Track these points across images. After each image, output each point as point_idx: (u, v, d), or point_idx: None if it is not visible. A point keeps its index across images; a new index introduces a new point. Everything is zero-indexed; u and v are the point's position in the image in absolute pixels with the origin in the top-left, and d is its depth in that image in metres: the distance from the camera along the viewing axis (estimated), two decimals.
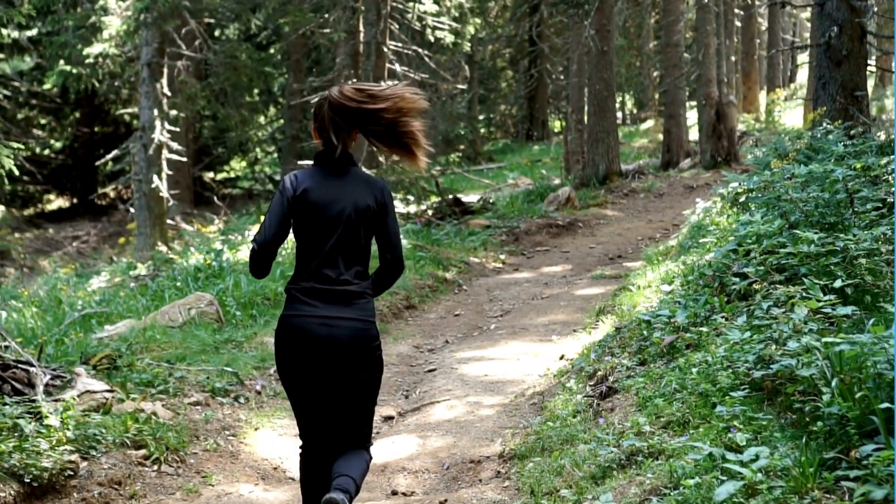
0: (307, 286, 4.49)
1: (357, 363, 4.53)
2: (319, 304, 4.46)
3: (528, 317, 10.61)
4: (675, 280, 8.48)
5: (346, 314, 4.48)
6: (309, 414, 4.65)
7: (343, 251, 4.50)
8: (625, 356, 6.74)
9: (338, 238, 4.48)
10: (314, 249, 4.49)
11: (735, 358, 5.51)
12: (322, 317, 4.45)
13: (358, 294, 4.53)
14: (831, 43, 12.10)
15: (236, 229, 19.28)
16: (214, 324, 9.60)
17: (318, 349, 4.46)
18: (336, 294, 4.48)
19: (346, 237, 4.50)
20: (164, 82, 19.31)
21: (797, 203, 6.71)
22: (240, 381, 8.01)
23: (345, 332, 4.47)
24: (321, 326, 4.45)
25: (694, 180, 19.47)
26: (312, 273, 4.49)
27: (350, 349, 4.49)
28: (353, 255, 4.53)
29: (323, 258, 4.48)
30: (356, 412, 4.63)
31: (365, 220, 4.53)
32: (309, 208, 4.46)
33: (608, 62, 19.61)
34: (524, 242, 15.59)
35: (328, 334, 4.45)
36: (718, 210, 10.82)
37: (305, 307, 4.47)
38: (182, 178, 25.58)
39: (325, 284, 4.47)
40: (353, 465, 4.55)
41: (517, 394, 7.69)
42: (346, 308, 4.49)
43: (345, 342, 4.47)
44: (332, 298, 4.47)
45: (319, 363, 4.49)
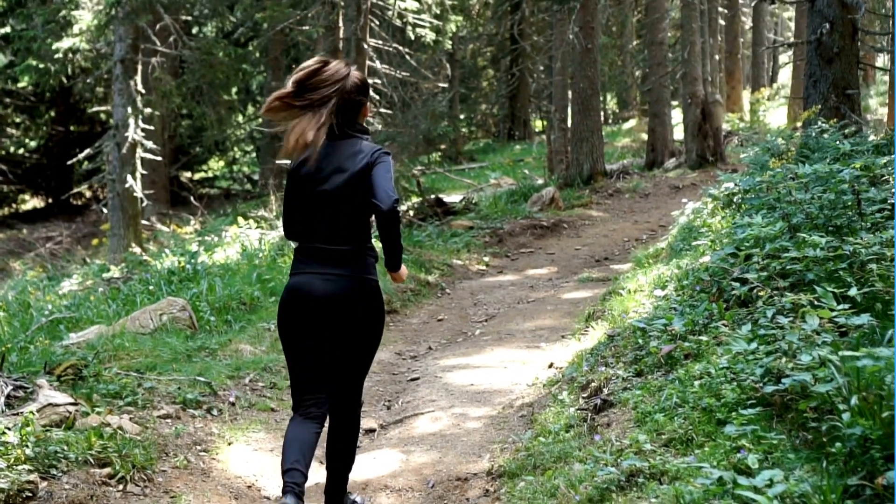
0: (306, 248, 4.85)
1: (353, 317, 4.81)
2: (316, 264, 4.79)
3: (515, 322, 10.25)
4: (669, 284, 8.13)
5: (337, 271, 4.77)
6: (305, 377, 4.93)
7: (333, 215, 4.78)
8: (619, 366, 6.38)
9: (329, 204, 4.77)
10: (310, 215, 4.82)
11: (739, 370, 5.15)
12: (319, 273, 4.77)
13: (351, 253, 4.80)
14: (822, 40, 11.82)
15: (213, 230, 18.85)
16: (187, 330, 9.18)
17: (316, 304, 4.76)
18: (331, 254, 4.78)
19: (337, 203, 4.77)
20: (139, 79, 18.83)
21: (801, 205, 6.35)
22: (213, 391, 7.60)
23: (335, 286, 4.75)
24: (319, 282, 4.75)
25: (680, 180, 19.16)
26: (306, 236, 4.86)
27: (346, 302, 4.77)
28: (345, 219, 4.79)
29: (317, 223, 4.80)
30: (353, 364, 4.95)
31: (354, 185, 4.75)
32: (302, 179, 4.81)
33: (592, 60, 19.28)
34: (508, 244, 15.23)
35: (325, 290, 4.74)
36: (710, 211, 10.48)
37: (304, 266, 4.82)
38: (158, 178, 25.12)
39: (321, 244, 4.79)
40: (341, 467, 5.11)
41: (505, 405, 7.32)
42: (341, 267, 4.78)
43: (336, 294, 4.75)
44: (327, 259, 4.78)
45: (315, 319, 4.79)
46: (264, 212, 18.93)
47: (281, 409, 7.59)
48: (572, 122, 20.24)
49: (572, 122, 20.25)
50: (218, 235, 16.88)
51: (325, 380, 4.96)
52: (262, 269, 11.54)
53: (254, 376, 8.11)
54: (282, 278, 11.12)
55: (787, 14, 43.03)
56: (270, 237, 15.33)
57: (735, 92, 29.60)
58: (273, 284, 10.81)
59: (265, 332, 9.31)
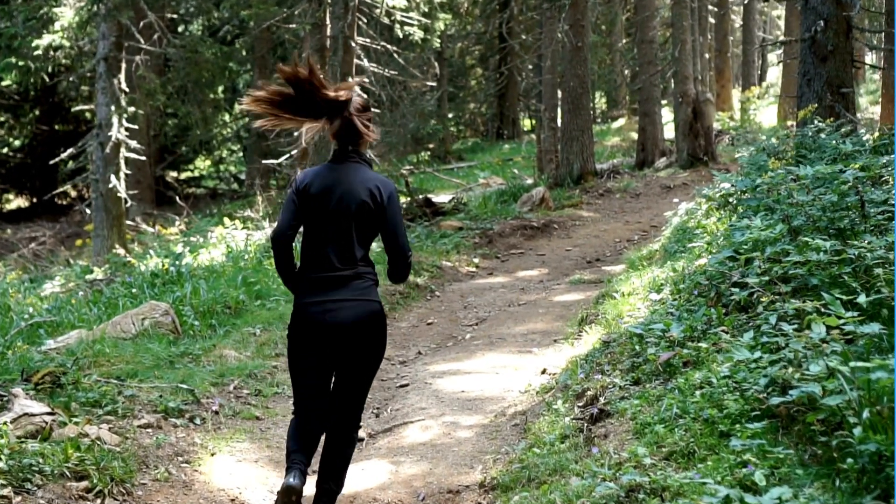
0: (310, 274, 4.95)
1: (357, 341, 4.93)
2: (320, 289, 4.90)
3: (506, 325, 10.04)
4: (664, 288, 7.93)
5: (344, 296, 4.89)
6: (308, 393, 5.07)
7: (340, 240, 4.90)
8: (616, 374, 6.17)
9: (334, 228, 4.88)
10: (315, 238, 4.93)
11: (742, 379, 4.95)
12: (323, 301, 4.88)
13: (353, 277, 4.92)
14: (817, 38, 11.66)
15: (198, 231, 18.58)
16: (170, 335, 8.94)
17: (319, 330, 4.89)
18: (334, 280, 4.89)
19: (342, 227, 4.89)
20: (122, 77, 18.54)
21: (802, 207, 6.15)
22: (196, 399, 7.36)
23: (344, 313, 4.88)
24: (323, 311, 4.87)
25: (671, 180, 18.98)
26: (314, 260, 4.95)
27: (351, 328, 4.90)
28: (349, 243, 4.91)
29: (322, 246, 4.91)
30: (353, 388, 5.07)
31: (361, 213, 4.88)
32: (310, 200, 4.89)
33: (582, 58, 19.07)
34: (498, 245, 15.01)
35: (330, 318, 4.86)
36: (704, 212, 10.28)
37: (308, 293, 4.93)
38: (143, 178, 24.86)
39: (324, 272, 4.90)
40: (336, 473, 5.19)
41: (497, 413, 7.11)
42: (344, 290, 4.90)
43: (345, 323, 4.88)
44: (330, 284, 4.89)
45: (323, 343, 4.92)
46: (251, 212, 18.68)
47: (266, 417, 7.37)
48: (562, 121, 20.03)
49: (562, 120, 20.05)
50: (203, 236, 16.62)
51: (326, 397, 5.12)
52: (247, 271, 11.31)
53: (238, 383, 7.89)
54: (268, 281, 10.90)
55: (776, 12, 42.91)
56: (256, 238, 15.09)
57: (725, 91, 29.44)
58: (259, 287, 10.58)
59: (250, 338, 9.09)
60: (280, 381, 8.14)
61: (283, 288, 10.70)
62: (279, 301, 10.33)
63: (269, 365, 8.44)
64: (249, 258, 12.53)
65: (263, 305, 10.21)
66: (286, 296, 10.52)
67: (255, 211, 18.56)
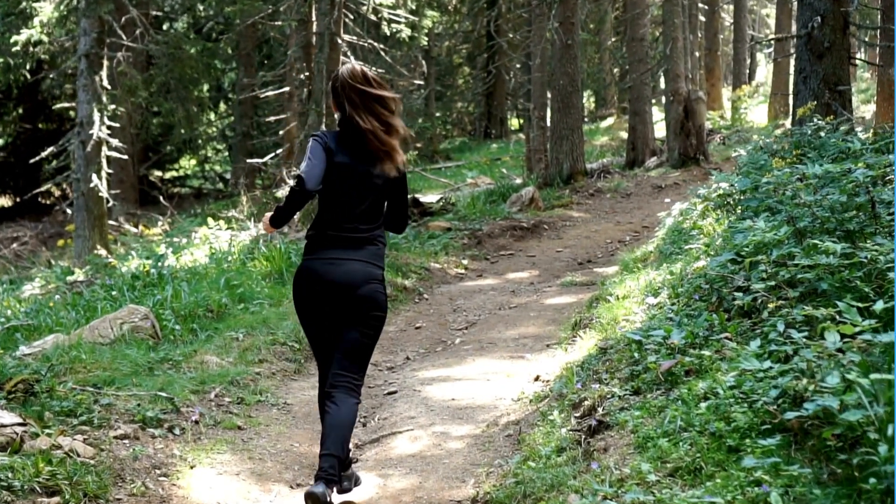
0: (327, 233, 5.18)
1: (358, 299, 5.14)
2: (333, 248, 5.14)
3: (496, 329, 9.75)
4: (662, 291, 7.66)
5: (355, 256, 5.14)
6: (323, 344, 5.32)
7: (361, 208, 5.15)
8: (614, 383, 5.88)
9: (358, 197, 5.13)
10: (336, 203, 5.14)
11: (749, 389, 4.68)
12: (333, 258, 5.13)
13: (368, 240, 5.20)
14: (813, 34, 11.44)
15: (182, 231, 18.26)
16: (149, 340, 8.63)
17: (324, 285, 5.12)
18: (349, 240, 5.15)
19: (367, 197, 5.16)
20: (104, 75, 18.17)
21: (810, 208, 5.88)
22: (175, 408, 7.05)
23: (352, 271, 5.12)
24: (332, 266, 5.11)
25: (662, 180, 18.73)
26: (331, 223, 5.17)
27: (356, 286, 5.12)
28: (368, 211, 5.18)
29: (342, 211, 5.14)
30: (353, 348, 5.22)
31: (379, 185, 5.18)
32: (337, 167, 5.09)
33: (572, 56, 18.80)
34: (487, 246, 14.72)
35: (337, 272, 5.10)
36: (700, 212, 10.02)
37: (322, 251, 5.17)
38: (126, 177, 24.51)
39: (340, 232, 5.14)
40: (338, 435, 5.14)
41: (489, 422, 6.81)
42: (356, 251, 5.15)
43: (352, 279, 5.11)
44: (345, 244, 5.14)
45: (330, 298, 5.14)
46: (235, 212, 18.37)
47: (248, 427, 7.06)
48: (552, 120, 19.76)
49: (552, 119, 19.78)
50: (187, 237, 16.32)
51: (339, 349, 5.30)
52: (230, 273, 10.99)
53: (220, 391, 7.57)
54: (251, 283, 10.60)
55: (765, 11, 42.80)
56: (241, 238, 14.79)
57: (715, 89, 29.21)
58: (242, 290, 10.27)
59: (232, 342, 8.77)
60: (263, 389, 7.84)
61: (266, 291, 10.42)
62: (262, 304, 10.04)
63: (251, 371, 8.13)
64: (233, 260, 12.22)
65: (247, 309, 9.90)
66: (270, 299, 10.24)
67: (240, 211, 18.25)
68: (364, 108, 5.11)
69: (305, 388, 8.14)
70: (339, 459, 5.10)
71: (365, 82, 5.12)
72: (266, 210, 20.01)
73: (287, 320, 9.45)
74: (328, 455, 5.07)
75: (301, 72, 19.04)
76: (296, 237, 13.74)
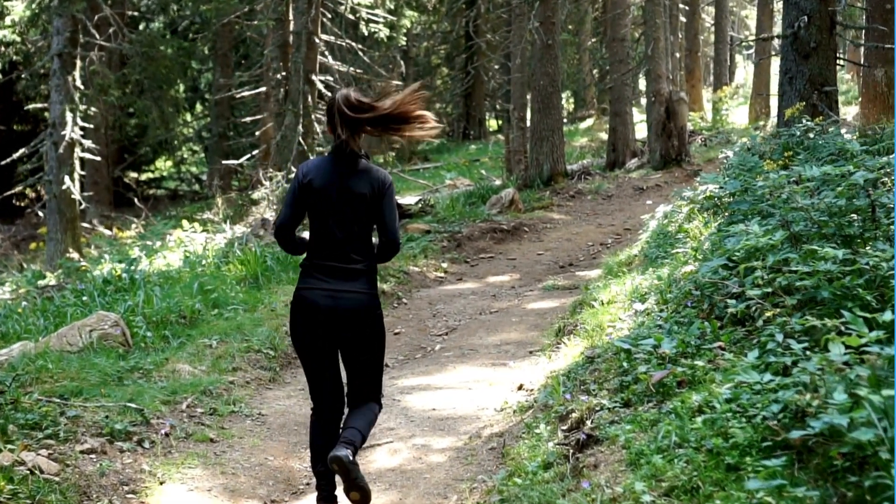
0: (316, 263, 5.17)
1: (361, 328, 5.15)
2: (326, 278, 5.13)
3: (477, 335, 9.50)
4: (649, 297, 7.42)
5: (348, 287, 5.12)
6: (319, 377, 5.30)
7: (345, 232, 5.13)
8: (603, 394, 5.63)
9: (340, 220, 5.12)
10: (321, 230, 5.16)
11: (747, 403, 4.44)
12: (328, 290, 5.11)
13: (359, 271, 5.17)
14: (799, 34, 11.27)
15: (156, 234, 17.91)
16: (120, 348, 8.32)
17: (325, 318, 5.10)
18: (340, 271, 5.13)
19: (347, 220, 5.13)
20: (77, 75, 17.80)
21: (808, 211, 5.64)
22: (145, 420, 6.75)
23: (347, 302, 5.10)
24: (327, 298, 5.09)
25: (643, 181, 18.52)
26: (320, 252, 5.17)
27: (353, 316, 5.11)
28: (354, 235, 5.15)
29: (328, 238, 5.14)
30: (364, 371, 5.30)
31: (363, 204, 5.12)
32: (314, 193, 5.11)
33: (553, 56, 18.57)
34: (467, 249, 14.45)
35: (333, 305, 5.09)
36: (686, 215, 9.80)
37: (314, 281, 5.15)
38: (100, 178, 24.12)
39: (331, 262, 5.13)
40: (361, 417, 5.25)
41: (472, 434, 6.55)
42: (349, 282, 5.13)
43: (347, 310, 5.10)
44: (337, 274, 5.13)
45: (327, 329, 5.15)
46: (210, 214, 18.04)
47: (221, 439, 6.78)
48: (532, 121, 19.52)
49: (532, 120, 19.54)
50: (161, 239, 15.98)
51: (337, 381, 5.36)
52: (204, 278, 10.69)
53: (192, 401, 7.28)
54: (226, 288, 10.31)
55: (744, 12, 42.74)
56: (217, 241, 14.49)
57: (695, 90, 29.02)
58: (216, 296, 9.96)
59: (206, 350, 8.48)
60: (237, 399, 7.55)
61: (240, 297, 10.15)
62: (237, 310, 9.73)
63: (225, 380, 7.84)
64: (207, 264, 11.91)
65: (221, 315, 9.60)
66: (245, 304, 9.95)
67: (215, 213, 17.93)
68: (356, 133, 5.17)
69: (280, 397, 7.86)
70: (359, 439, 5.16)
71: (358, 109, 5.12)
72: (241, 212, 19.74)
73: (262, 326, 9.16)
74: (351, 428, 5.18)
75: (278, 72, 18.74)
76: (271, 240, 13.44)
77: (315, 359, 5.25)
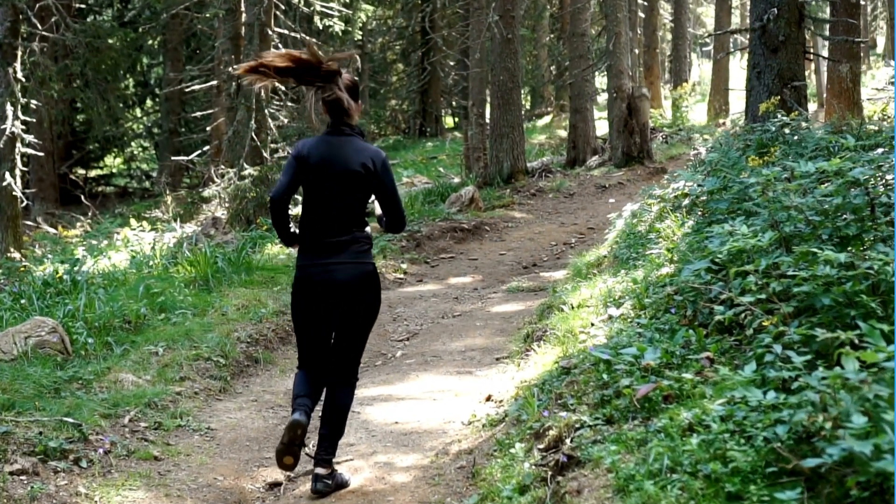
0: (311, 238, 5.43)
1: (356, 298, 5.43)
2: (321, 253, 5.39)
3: (440, 340, 9.03)
4: (625, 301, 6.99)
5: (341, 259, 5.37)
6: (310, 350, 5.56)
7: (337, 207, 5.36)
8: (583, 410, 5.16)
9: (331, 196, 5.35)
10: (313, 205, 5.40)
11: (745, 421, 4.03)
12: (323, 264, 5.37)
13: (349, 242, 5.40)
14: (767, 27, 10.98)
15: (103, 232, 17.26)
16: (58, 356, 7.73)
17: (322, 290, 5.38)
18: (335, 245, 5.38)
19: (339, 195, 5.35)
20: (18, 66, 17.07)
21: (802, 210, 5.23)
22: (83, 436, 6.20)
23: (342, 274, 5.36)
24: (323, 272, 5.37)
25: (605, 179, 18.14)
26: (313, 226, 5.42)
27: (348, 287, 5.39)
28: (347, 210, 5.38)
29: (320, 213, 5.38)
30: (351, 342, 5.56)
31: (356, 181, 5.36)
32: (309, 170, 5.35)
33: (513, 51, 18.14)
34: (427, 249, 13.97)
35: (329, 278, 5.36)
36: (656, 214, 9.41)
37: (310, 257, 5.42)
38: (46, 175, 23.37)
39: (323, 237, 5.38)
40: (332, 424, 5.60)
41: (438, 451, 6.07)
42: (341, 254, 5.38)
43: (343, 282, 5.37)
44: (329, 249, 5.37)
45: (325, 302, 5.40)
46: (159, 212, 17.42)
47: (166, 457, 6.25)
48: (491, 117, 19.09)
49: (491, 116, 19.10)
50: (108, 238, 15.36)
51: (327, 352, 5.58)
52: (151, 280, 10.12)
53: (135, 414, 6.74)
54: (173, 291, 9.75)
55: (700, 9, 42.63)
56: (167, 240, 13.91)
57: (654, 87, 28.71)
58: (163, 299, 9.38)
59: (151, 358, 7.92)
60: (184, 412, 7.01)
61: (189, 300, 9.60)
62: (185, 315, 9.15)
63: (171, 391, 7.29)
64: (155, 265, 11.33)
65: (168, 320, 9.02)
66: (194, 308, 9.39)
67: (164, 211, 17.31)
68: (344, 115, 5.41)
69: (231, 409, 7.34)
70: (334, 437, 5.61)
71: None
72: (192, 210, 19.14)
73: (212, 332, 8.62)
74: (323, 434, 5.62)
75: (229, 65, 18.16)
76: (222, 239, 12.89)
77: (310, 333, 5.51)
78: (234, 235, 13.28)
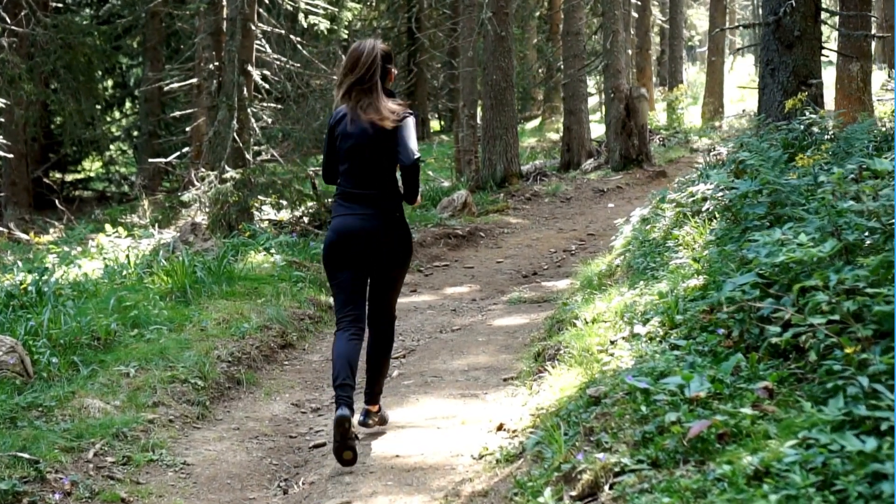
0: (345, 193, 5.88)
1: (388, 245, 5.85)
2: (353, 205, 5.84)
3: (440, 358, 8.26)
4: (650, 317, 6.24)
5: (370, 210, 5.81)
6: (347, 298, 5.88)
7: (366, 163, 5.80)
8: (622, 450, 4.41)
9: (361, 156, 5.80)
10: (346, 163, 5.86)
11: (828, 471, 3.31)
12: (356, 214, 5.81)
13: (379, 196, 5.83)
14: (782, 22, 10.30)
15: (76, 238, 16.43)
16: (16, 379, 6.90)
17: (355, 238, 5.79)
18: (363, 197, 5.82)
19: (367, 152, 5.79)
20: None
21: (878, 215, 4.50)
22: (40, 475, 5.42)
23: (374, 220, 5.80)
24: (355, 220, 5.80)
25: (603, 183, 17.43)
26: (345, 184, 5.89)
27: (379, 234, 5.81)
28: (373, 166, 5.81)
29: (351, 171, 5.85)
30: (387, 287, 6.08)
31: (382, 140, 5.77)
32: (340, 135, 5.85)
33: (506, 49, 17.44)
34: (420, 256, 13.21)
35: (361, 225, 5.79)
36: (672, 220, 8.68)
37: (343, 209, 5.87)
38: (19, 179, 22.52)
39: (354, 190, 5.84)
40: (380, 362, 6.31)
41: (448, 491, 5.26)
42: (370, 206, 5.81)
43: (374, 229, 5.80)
44: (360, 201, 5.82)
45: (354, 252, 5.80)
46: (136, 217, 16.60)
47: (135, 499, 5.46)
48: (484, 118, 18.36)
49: (483, 118, 18.37)
50: (82, 245, 14.54)
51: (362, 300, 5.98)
52: (124, 291, 9.32)
53: (101, 447, 5.97)
54: (147, 305, 8.94)
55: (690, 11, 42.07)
56: (143, 246, 13.11)
57: (647, 89, 28.09)
58: (136, 313, 8.56)
59: (121, 380, 7.12)
60: (157, 443, 6.22)
61: (165, 314, 8.80)
62: (161, 330, 8.32)
63: (143, 419, 6.50)
64: (129, 274, 10.52)
65: (141, 336, 8.19)
66: (170, 323, 8.59)
67: (142, 216, 16.49)
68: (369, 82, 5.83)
69: (210, 439, 6.55)
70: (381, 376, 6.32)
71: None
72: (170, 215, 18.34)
73: (190, 350, 7.82)
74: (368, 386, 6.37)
75: (210, 62, 17.39)
76: (202, 247, 12.09)
77: (344, 279, 5.84)
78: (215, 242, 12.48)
